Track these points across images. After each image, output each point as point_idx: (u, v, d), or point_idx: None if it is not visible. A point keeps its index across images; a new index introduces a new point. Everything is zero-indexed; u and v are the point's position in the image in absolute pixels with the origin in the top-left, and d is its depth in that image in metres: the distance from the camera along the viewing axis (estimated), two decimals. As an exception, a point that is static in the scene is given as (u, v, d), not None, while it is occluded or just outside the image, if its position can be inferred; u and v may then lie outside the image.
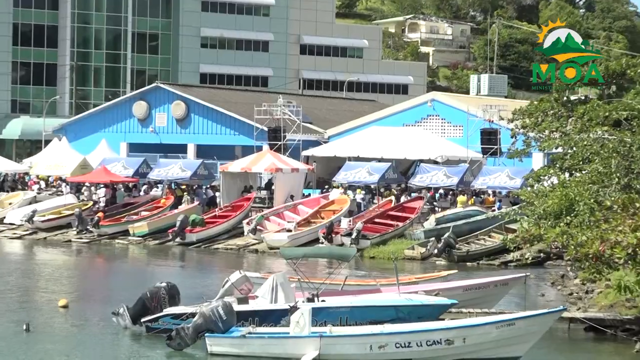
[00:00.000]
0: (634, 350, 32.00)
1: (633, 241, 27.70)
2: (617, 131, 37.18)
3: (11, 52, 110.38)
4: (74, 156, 75.52)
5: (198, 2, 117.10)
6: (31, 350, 31.92)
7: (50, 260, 57.77)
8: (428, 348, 29.47)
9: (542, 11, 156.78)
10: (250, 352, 29.61)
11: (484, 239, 56.47)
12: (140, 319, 32.61)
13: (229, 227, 62.84)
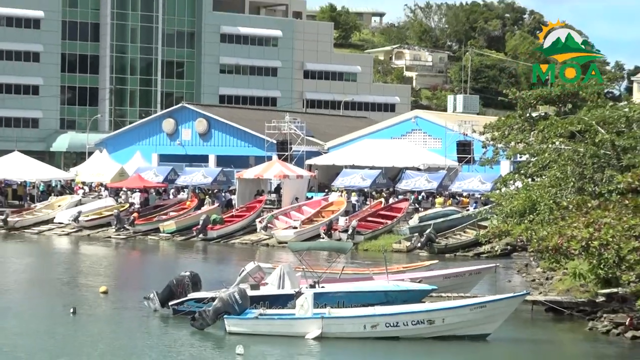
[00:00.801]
0: (587, 328, 32.07)
1: (586, 235, 27.72)
2: (572, 142, 37.17)
3: (60, 77, 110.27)
4: (113, 165, 75.67)
5: (217, 35, 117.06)
6: (78, 330, 31.98)
7: (92, 253, 57.81)
8: (413, 327, 29.63)
9: (508, 41, 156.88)
10: (262, 331, 29.71)
11: (460, 234, 56.51)
12: (168, 302, 32.77)
13: (244, 225, 62.80)
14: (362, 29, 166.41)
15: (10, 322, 33.42)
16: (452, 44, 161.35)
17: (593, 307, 33.78)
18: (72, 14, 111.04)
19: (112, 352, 28.93)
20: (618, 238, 27.22)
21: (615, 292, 32.92)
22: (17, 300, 38.84)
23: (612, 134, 35.77)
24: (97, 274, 47.10)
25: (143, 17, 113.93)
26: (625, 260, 27.18)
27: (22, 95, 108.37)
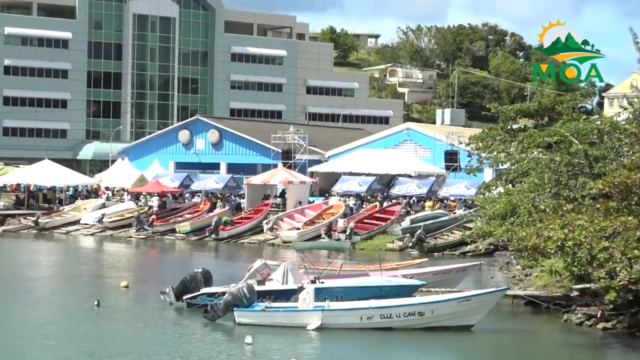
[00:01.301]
0: (562, 320, 32.09)
1: (561, 236, 27.68)
2: (548, 152, 37.19)
3: (86, 92, 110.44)
4: (133, 172, 75.59)
5: (228, 54, 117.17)
6: (101, 320, 31.97)
7: (115, 251, 57.79)
8: (405, 318, 29.64)
9: (491, 61, 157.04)
10: (268, 322, 29.71)
11: (448, 235, 56.35)
12: (182, 296, 32.80)
13: (252, 226, 62.66)
14: (359, 49, 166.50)
15: (41, 312, 33.51)
16: (440, 63, 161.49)
17: (568, 301, 33.79)
18: (97, 35, 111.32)
19: (132, 340, 28.97)
20: (590, 238, 27.20)
21: (588, 288, 32.90)
22: (47, 293, 38.91)
23: (585, 144, 35.76)
24: (119, 270, 47.11)
25: (161, 38, 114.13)
26: (597, 258, 27.16)
27: (52, 108, 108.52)
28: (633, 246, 26.49)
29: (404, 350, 27.42)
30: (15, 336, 28.95)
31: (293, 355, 25.21)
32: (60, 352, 26.84)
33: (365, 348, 27.55)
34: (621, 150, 35.05)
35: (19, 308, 34.29)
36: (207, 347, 27.74)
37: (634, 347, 28.18)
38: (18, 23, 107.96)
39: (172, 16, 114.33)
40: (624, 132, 35.79)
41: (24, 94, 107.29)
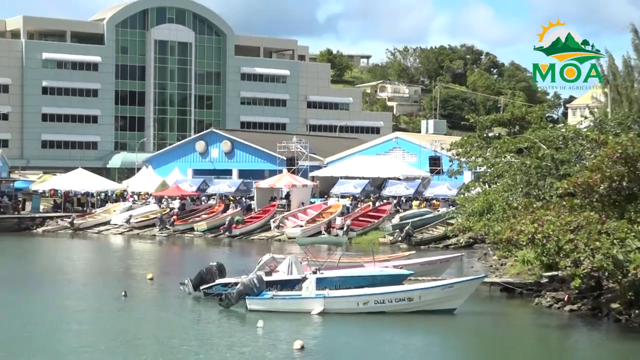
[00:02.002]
0: (534, 303, 32.12)
1: (532, 230, 27.67)
2: (520, 156, 37.18)
3: (114, 109, 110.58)
4: (156, 178, 75.71)
5: (238, 74, 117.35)
6: (129, 309, 31.96)
7: (140, 248, 57.81)
8: (396, 303, 29.68)
9: (469, 77, 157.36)
10: (276, 309, 29.69)
11: (432, 230, 56.35)
12: (200, 287, 32.77)
13: (261, 225, 62.66)
14: (353, 69, 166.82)
15: (76, 302, 33.55)
16: (424, 80, 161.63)
17: (538, 287, 33.82)
18: (123, 59, 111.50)
19: (156, 326, 28.98)
20: (557, 232, 27.19)
21: (556, 275, 32.88)
22: (81, 285, 38.96)
23: (552, 149, 35.80)
24: (144, 264, 47.14)
25: (179, 61, 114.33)
26: (563, 249, 27.15)
27: (84, 123, 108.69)
28: (595, 238, 26.49)
29: (395, 331, 27.43)
30: (54, 322, 29.08)
31: (299, 337, 25.17)
32: (92, 336, 26.89)
33: (362, 330, 27.57)
34: (583, 154, 35.07)
35: (56, 298, 34.37)
36: (223, 331, 27.78)
37: (596, 327, 28.31)
38: (54, 49, 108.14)
39: (188, 41, 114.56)
40: (585, 138, 35.82)
41: (60, 111, 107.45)
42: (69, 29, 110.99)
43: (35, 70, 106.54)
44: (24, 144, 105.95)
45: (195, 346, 25.24)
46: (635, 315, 27.96)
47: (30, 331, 27.76)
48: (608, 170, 27.88)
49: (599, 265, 26.79)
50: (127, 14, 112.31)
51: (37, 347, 25.17)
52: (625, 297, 28.54)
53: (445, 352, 26.01)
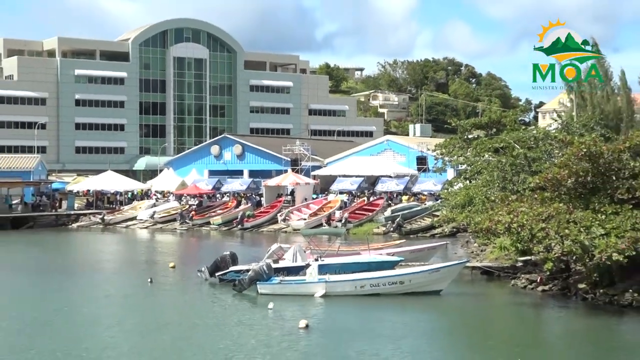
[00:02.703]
0: (510, 284, 32.09)
1: (508, 220, 27.65)
2: (496, 155, 37.19)
3: (138, 118, 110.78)
4: (176, 179, 75.80)
5: (247, 86, 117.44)
6: (154, 294, 31.99)
7: (163, 240, 57.84)
8: (389, 286, 29.67)
9: (450, 86, 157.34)
10: (283, 292, 29.66)
11: (420, 221, 56.36)
12: (215, 273, 32.79)
13: (269, 218, 62.74)
14: (348, 80, 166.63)
15: (105, 288, 33.59)
16: (411, 89, 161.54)
17: (514, 270, 33.78)
18: (146, 74, 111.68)
19: (177, 308, 28.95)
20: (530, 221, 27.17)
21: (530, 259, 32.87)
22: (111, 273, 39.06)
23: (525, 149, 35.82)
24: (167, 254, 47.14)
25: (195, 75, 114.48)
26: (536, 236, 27.13)
27: (112, 131, 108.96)
28: (564, 226, 26.48)
29: (389, 310, 27.41)
30: (87, 305, 29.11)
31: (303, 317, 25.14)
32: (121, 317, 26.88)
33: (359, 310, 27.54)
34: (552, 152, 35.11)
35: (89, 284, 34.43)
36: (236, 312, 27.75)
37: (565, 304, 28.27)
38: (85, 66, 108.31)
39: (203, 58, 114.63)
40: (554, 139, 35.86)
41: (91, 121, 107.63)
42: (98, 48, 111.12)
43: (69, 85, 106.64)
44: (60, 150, 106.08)
45: (212, 325, 25.23)
46: (600, 294, 27.97)
47: (66, 312, 27.86)
48: (574, 167, 27.89)
49: (568, 250, 26.78)
50: (149, 34, 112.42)
51: (72, 325, 25.25)
52: (591, 278, 28.53)
53: (433, 328, 26.00)
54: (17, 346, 22.34)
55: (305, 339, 23.06)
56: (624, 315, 26.02)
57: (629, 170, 28.14)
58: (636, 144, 29.26)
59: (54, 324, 25.85)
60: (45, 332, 24.52)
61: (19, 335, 24.17)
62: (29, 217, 67.82)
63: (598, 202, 27.58)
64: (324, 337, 23.32)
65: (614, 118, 46.75)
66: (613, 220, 26.33)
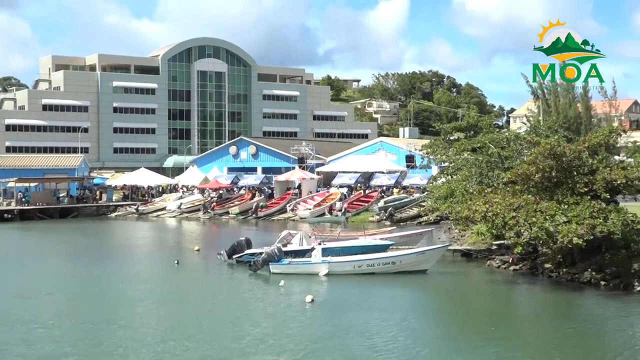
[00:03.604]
0: (486, 265, 32.06)
1: (484, 209, 27.63)
2: (474, 154, 37.13)
3: (167, 123, 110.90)
4: (200, 175, 75.93)
5: (261, 95, 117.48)
6: (180, 273, 32.03)
7: (189, 227, 57.86)
8: (383, 266, 29.68)
9: (435, 95, 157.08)
10: (292, 271, 29.66)
11: (409, 211, 56.30)
12: (233, 256, 32.79)
13: (279, 209, 62.60)
14: (347, 90, 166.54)
15: (139, 268, 33.71)
16: (401, 97, 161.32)
17: (489, 252, 33.80)
18: (173, 85, 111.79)
19: (200, 286, 29.05)
20: (503, 210, 27.17)
21: (503, 243, 32.91)
22: (144, 255, 39.08)
23: (498, 148, 35.74)
24: (192, 239, 47.17)
25: (216, 86, 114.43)
26: (508, 223, 27.13)
27: (145, 134, 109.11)
28: (532, 215, 26.47)
29: (382, 287, 27.44)
30: (121, 283, 29.16)
31: (309, 292, 25.19)
32: (151, 293, 26.95)
33: (357, 286, 27.56)
34: (522, 151, 35.04)
35: (124, 265, 34.46)
36: (252, 288, 27.79)
37: (533, 282, 28.27)
38: (122, 79, 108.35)
39: (223, 71, 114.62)
40: (523, 140, 35.78)
41: (127, 125, 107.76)
42: (132, 63, 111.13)
43: (108, 95, 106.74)
44: (100, 150, 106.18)
45: (230, 300, 25.29)
46: (563, 273, 28.00)
47: (103, 287, 27.99)
48: (541, 164, 27.87)
49: (535, 236, 26.79)
50: (176, 51, 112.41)
51: (108, 298, 25.40)
52: (555, 259, 28.55)
53: (420, 302, 26.04)
54: (66, 313, 22.53)
55: (311, 311, 23.12)
56: (583, 290, 26.05)
57: (588, 167, 28.16)
58: (594, 145, 29.30)
59: (95, 296, 26.03)
60: (89, 303, 24.67)
61: (67, 304, 24.43)
62: (74, 208, 67.95)
63: (561, 194, 27.57)
64: (326, 309, 23.37)
65: (574, 122, 46.62)
66: (574, 210, 26.33)
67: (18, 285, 28.79)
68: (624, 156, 33.82)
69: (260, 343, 18.98)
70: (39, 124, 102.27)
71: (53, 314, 22.93)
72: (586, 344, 18.87)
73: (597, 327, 21.10)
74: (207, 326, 21.10)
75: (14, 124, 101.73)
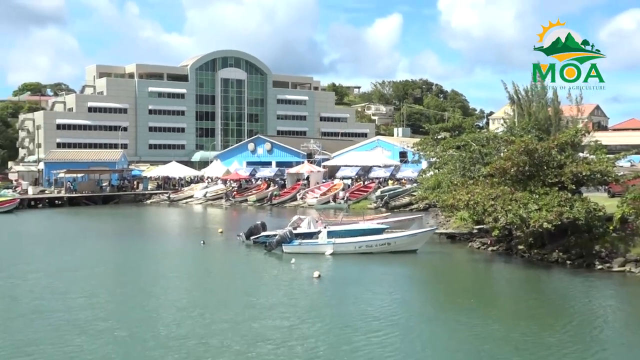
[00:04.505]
0: (468, 246, 32.05)
1: (466, 198, 27.65)
2: (458, 151, 37.05)
3: (195, 123, 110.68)
4: (222, 168, 75.88)
5: (275, 99, 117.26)
6: (208, 255, 32.06)
7: (213, 213, 57.81)
8: (380, 247, 29.76)
9: (424, 99, 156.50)
10: (302, 251, 29.67)
11: (402, 199, 56.15)
12: (250, 237, 32.81)
13: (291, 197, 62.48)
14: (349, 95, 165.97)
15: (170, 247, 33.69)
16: (395, 102, 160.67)
17: (471, 235, 33.78)
18: (200, 91, 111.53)
19: (222, 262, 29.11)
20: (483, 199, 27.16)
21: (482, 227, 32.85)
22: (174, 237, 39.12)
23: (479, 146, 35.65)
24: (216, 223, 47.12)
25: (237, 92, 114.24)
26: (487, 210, 27.13)
27: (176, 132, 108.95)
28: (508, 203, 26.47)
29: (379, 264, 27.47)
30: (155, 259, 29.23)
31: (317, 269, 25.25)
32: (180, 268, 27.06)
33: (357, 264, 27.62)
34: (500, 149, 34.93)
35: (158, 244, 34.55)
36: (267, 265, 27.84)
37: (508, 261, 28.23)
38: (156, 85, 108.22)
39: (242, 79, 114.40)
40: (501, 139, 35.67)
41: (160, 125, 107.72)
42: (165, 71, 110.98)
43: (144, 99, 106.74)
44: (137, 146, 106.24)
45: (248, 275, 25.36)
46: (534, 253, 27.98)
47: (139, 263, 28.08)
48: (515, 159, 27.82)
49: (510, 221, 26.79)
50: (203, 62, 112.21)
51: (144, 272, 25.49)
52: (527, 242, 28.54)
53: (411, 277, 26.02)
54: (108, 284, 22.64)
55: (318, 285, 23.17)
56: (551, 268, 26.04)
57: (556, 162, 28.09)
58: (562, 143, 29.21)
59: (132, 270, 26.17)
60: (127, 275, 24.75)
61: (109, 277, 24.53)
62: (115, 196, 68.12)
63: (533, 186, 27.54)
64: (331, 283, 23.42)
65: (545, 124, 46.37)
66: (544, 199, 26.31)
67: (66, 261, 28.94)
68: (587, 153, 33.62)
69: (271, 310, 19.11)
70: (85, 123, 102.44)
71: (96, 285, 23.05)
72: (552, 312, 18.90)
73: (562, 299, 21.10)
74: (227, 296, 21.19)
75: (64, 123, 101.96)
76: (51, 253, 31.59)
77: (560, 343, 15.73)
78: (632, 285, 22.93)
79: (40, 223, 48.92)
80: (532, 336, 16.27)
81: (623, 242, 26.04)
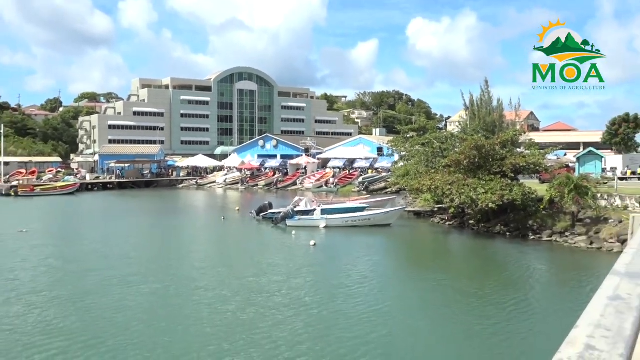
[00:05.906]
0: (430, 221, 32.10)
1: (429, 184, 27.68)
2: (423, 147, 37.03)
3: (217, 125, 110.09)
4: (238, 160, 75.51)
5: (280, 106, 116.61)
6: (227, 227, 31.98)
7: (232, 195, 57.42)
8: (362, 221, 29.73)
9: (397, 106, 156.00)
10: (302, 224, 29.59)
11: (379, 184, 55.99)
12: (260, 214, 32.63)
13: (292, 183, 62.47)
14: (338, 103, 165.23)
15: (195, 222, 33.58)
16: (374, 108, 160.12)
17: (433, 213, 33.81)
18: (221, 99, 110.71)
19: (238, 234, 28.99)
20: (442, 185, 27.19)
21: (442, 206, 32.90)
22: (199, 214, 39.00)
23: (440, 143, 35.65)
24: (234, 203, 46.94)
25: (250, 99, 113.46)
26: (445, 193, 27.17)
27: (202, 132, 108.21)
28: (461, 188, 26.50)
29: (362, 235, 27.46)
30: (185, 230, 29.11)
31: (313, 239, 25.24)
32: (205, 237, 27.00)
33: (345, 235, 27.60)
34: (455, 145, 34.95)
35: (187, 219, 34.40)
36: (273, 236, 27.76)
37: (462, 233, 28.27)
38: (186, 94, 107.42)
39: (254, 89, 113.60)
40: (456, 137, 35.68)
41: (190, 125, 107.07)
42: (193, 84, 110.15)
43: (177, 105, 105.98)
44: (172, 142, 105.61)
45: (258, 243, 25.31)
46: (482, 227, 28.04)
47: (172, 233, 27.93)
48: (468, 153, 27.85)
49: (463, 201, 26.82)
50: (223, 76, 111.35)
51: (175, 240, 25.37)
52: (477, 218, 28.61)
53: (387, 245, 26.05)
54: (150, 248, 22.61)
55: (314, 251, 23.18)
56: (494, 238, 26.11)
57: (500, 155, 28.14)
58: (504, 141, 29.24)
59: (167, 239, 26.01)
60: (162, 243, 24.65)
61: (149, 242, 24.45)
62: (154, 181, 67.89)
63: (481, 174, 27.58)
64: (325, 250, 23.44)
65: (491, 126, 46.43)
66: (489, 184, 26.36)
67: (114, 232, 28.84)
68: (523, 149, 33.72)
69: (273, 268, 19.15)
70: (130, 124, 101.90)
71: (136, 252, 23.00)
72: (494, 271, 19.06)
73: (502, 261, 21.22)
74: (240, 259, 21.19)
75: (114, 124, 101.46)
76: (106, 224, 31.52)
77: (497, 291, 16.04)
78: (557, 251, 23.13)
79: (95, 202, 48.75)
80: (477, 287, 16.48)
81: (550, 218, 26.18)
